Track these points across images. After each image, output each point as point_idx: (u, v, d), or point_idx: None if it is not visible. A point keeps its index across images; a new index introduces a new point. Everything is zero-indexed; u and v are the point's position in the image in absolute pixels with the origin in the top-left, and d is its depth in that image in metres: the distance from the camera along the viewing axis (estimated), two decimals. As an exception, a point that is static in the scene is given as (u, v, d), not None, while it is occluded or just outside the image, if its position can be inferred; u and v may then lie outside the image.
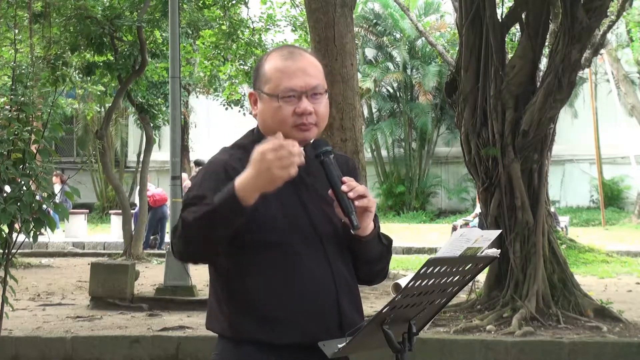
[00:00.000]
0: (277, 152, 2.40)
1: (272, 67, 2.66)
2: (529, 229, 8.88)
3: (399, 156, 27.84)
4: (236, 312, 2.61)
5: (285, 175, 2.41)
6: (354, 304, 2.70)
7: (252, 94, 2.72)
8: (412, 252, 18.39)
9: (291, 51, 2.70)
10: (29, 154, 6.28)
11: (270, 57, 2.69)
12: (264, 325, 2.58)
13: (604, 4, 8.72)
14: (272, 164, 2.40)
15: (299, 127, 2.62)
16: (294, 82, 2.62)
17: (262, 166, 2.41)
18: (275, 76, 2.64)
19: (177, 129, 11.85)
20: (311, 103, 2.63)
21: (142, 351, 8.01)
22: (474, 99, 9.14)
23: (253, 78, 2.74)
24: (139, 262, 14.64)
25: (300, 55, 2.68)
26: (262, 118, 2.69)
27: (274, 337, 2.58)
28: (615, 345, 7.64)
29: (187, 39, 17.30)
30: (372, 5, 28.05)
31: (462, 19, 9.25)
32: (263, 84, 2.67)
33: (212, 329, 2.72)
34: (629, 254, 16.59)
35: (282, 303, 2.58)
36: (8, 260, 6.40)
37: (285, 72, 2.63)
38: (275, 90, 2.63)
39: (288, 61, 2.65)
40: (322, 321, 2.61)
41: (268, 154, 2.40)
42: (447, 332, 8.23)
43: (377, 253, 2.74)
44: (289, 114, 2.62)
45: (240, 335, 2.61)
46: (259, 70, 2.70)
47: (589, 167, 26.09)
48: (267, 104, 2.65)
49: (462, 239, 2.50)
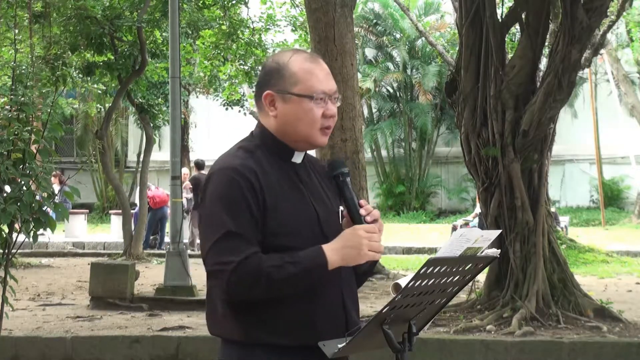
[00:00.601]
0: (370, 234, 2.59)
1: (301, 69, 2.67)
2: (529, 229, 8.88)
3: (399, 156, 27.84)
4: (249, 316, 2.60)
5: (372, 256, 2.60)
6: (355, 304, 2.75)
7: (270, 95, 2.69)
8: (412, 252, 18.39)
9: (311, 55, 2.75)
10: (29, 154, 6.28)
11: (295, 59, 2.69)
12: (278, 328, 2.59)
13: (604, 4, 8.72)
14: (363, 242, 2.57)
15: (324, 129, 2.69)
16: (324, 85, 2.67)
17: (354, 241, 2.58)
18: (305, 78, 2.66)
19: (177, 129, 11.85)
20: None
21: (142, 351, 8.01)
22: (474, 99, 9.14)
23: (269, 79, 2.70)
24: (139, 262, 14.64)
25: (320, 60, 2.74)
26: (285, 119, 2.68)
27: (289, 340, 2.59)
28: (615, 345, 7.63)
29: (187, 39, 17.30)
30: (372, 5, 28.05)
31: (462, 19, 9.25)
32: (290, 85, 2.66)
33: (220, 334, 2.68)
34: (629, 254, 16.60)
35: (296, 305, 2.60)
36: (8, 260, 6.40)
37: (316, 75, 2.67)
38: (308, 91, 2.65)
39: (315, 64, 2.70)
40: (331, 321, 2.64)
41: (361, 232, 2.58)
42: (447, 332, 8.23)
43: (362, 272, 2.82)
44: (319, 116, 2.67)
45: (253, 340, 2.60)
46: (281, 71, 2.68)
47: (589, 167, 26.10)
48: (296, 104, 2.66)
49: (462, 239, 2.51)
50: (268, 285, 2.51)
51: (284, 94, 2.67)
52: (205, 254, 2.59)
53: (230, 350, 2.65)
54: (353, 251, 2.57)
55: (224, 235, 2.55)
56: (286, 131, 2.69)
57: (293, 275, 2.53)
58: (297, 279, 2.54)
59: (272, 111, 2.70)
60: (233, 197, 2.57)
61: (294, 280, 2.54)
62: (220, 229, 2.55)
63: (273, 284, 2.52)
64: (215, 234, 2.56)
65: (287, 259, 2.53)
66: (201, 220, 2.65)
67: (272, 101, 2.69)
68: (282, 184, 2.65)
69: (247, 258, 2.52)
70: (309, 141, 2.69)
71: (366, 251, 2.57)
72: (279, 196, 2.62)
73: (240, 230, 2.54)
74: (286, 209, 2.61)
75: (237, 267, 2.51)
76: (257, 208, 2.58)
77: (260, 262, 2.52)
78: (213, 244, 2.56)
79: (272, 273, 2.51)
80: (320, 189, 2.75)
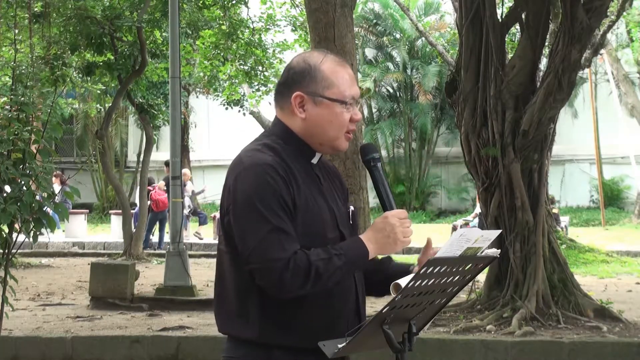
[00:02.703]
0: (402, 220, 2.62)
1: (333, 72, 2.67)
2: (529, 229, 8.88)
3: (399, 156, 27.84)
4: (267, 316, 2.59)
5: (406, 242, 2.63)
6: (365, 306, 2.77)
7: (300, 96, 2.66)
8: (412, 252, 18.35)
9: (341, 59, 2.75)
10: (29, 154, 6.27)
11: (326, 62, 2.68)
12: (294, 329, 2.59)
13: (604, 4, 8.72)
14: (397, 229, 2.60)
15: (347, 134, 2.69)
16: (354, 90, 2.69)
17: (387, 229, 2.60)
18: (339, 82, 2.66)
19: (177, 129, 11.85)
20: None
21: (142, 351, 8.01)
22: (474, 99, 9.14)
23: (300, 80, 2.66)
24: (139, 262, 14.64)
25: (347, 64, 2.74)
26: (315, 121, 2.66)
27: (304, 342, 2.58)
28: (615, 345, 7.63)
29: (187, 39, 17.29)
30: (372, 5, 28.05)
31: (462, 19, 9.25)
32: (323, 88, 2.64)
33: (233, 333, 2.65)
34: (629, 254, 16.60)
35: (314, 307, 2.59)
36: (8, 260, 6.39)
37: (347, 79, 2.68)
38: (341, 95, 2.65)
39: (344, 69, 2.70)
40: (345, 323, 2.65)
41: (393, 219, 2.61)
42: (447, 332, 8.23)
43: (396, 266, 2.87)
44: (347, 120, 2.68)
45: (268, 340, 2.59)
46: (313, 73, 2.66)
47: (589, 167, 26.10)
48: (328, 108, 2.65)
49: (462, 239, 2.51)
50: (317, 278, 2.51)
51: (315, 97, 2.65)
52: (249, 252, 2.53)
53: (242, 350, 2.63)
54: (388, 239, 2.60)
55: (268, 232, 2.51)
56: (314, 133, 2.67)
57: (339, 267, 2.54)
58: (342, 271, 2.56)
59: (301, 113, 2.67)
60: (271, 193, 2.54)
61: (339, 272, 2.55)
62: (263, 226, 2.51)
63: (322, 276, 2.51)
64: (259, 232, 2.52)
65: (334, 252, 2.54)
66: (238, 218, 2.57)
67: (302, 102, 2.66)
68: (307, 184, 2.64)
69: (296, 253, 2.51)
70: (333, 145, 2.69)
71: (401, 238, 2.61)
72: (306, 196, 2.61)
73: (283, 226, 2.53)
74: (311, 209, 2.61)
75: (288, 263, 2.48)
76: (292, 205, 2.57)
77: (309, 256, 2.51)
78: (258, 242, 2.51)
79: (321, 267, 2.51)
80: (331, 190, 2.76)
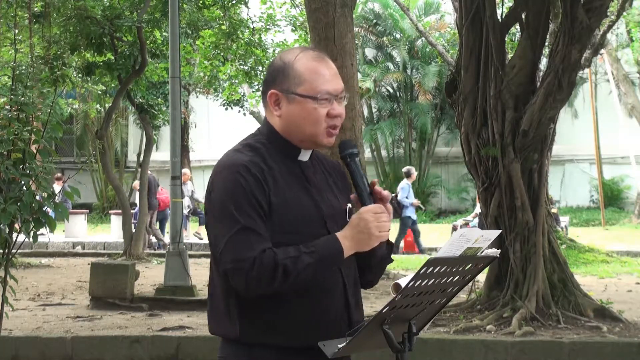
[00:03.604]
0: (377, 214, 2.59)
1: (306, 69, 2.66)
2: (529, 229, 8.87)
3: (399, 156, 27.84)
4: (250, 315, 2.60)
5: (382, 237, 2.60)
6: (358, 305, 2.74)
7: (275, 94, 2.68)
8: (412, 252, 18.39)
9: (318, 54, 2.73)
10: (29, 154, 6.28)
11: (300, 59, 2.68)
12: (278, 328, 2.59)
13: (604, 4, 8.71)
14: (371, 224, 2.57)
15: (330, 129, 2.67)
16: (330, 85, 2.66)
17: (361, 225, 2.58)
18: (311, 78, 2.65)
19: (177, 129, 11.85)
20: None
21: (142, 351, 8.01)
22: (474, 99, 9.14)
23: (274, 78, 2.69)
24: (139, 262, 14.64)
25: (327, 59, 2.73)
26: (289, 119, 2.67)
27: (288, 340, 2.59)
28: (615, 345, 7.63)
29: (187, 39, 17.30)
30: (372, 5, 28.06)
31: (462, 19, 9.25)
32: (295, 85, 2.65)
33: (220, 333, 2.67)
34: (629, 254, 16.60)
35: (297, 305, 2.59)
36: (8, 260, 6.40)
37: (321, 75, 2.66)
38: (312, 91, 2.64)
39: (322, 64, 2.69)
40: (334, 322, 2.63)
41: (367, 215, 2.59)
42: (447, 332, 8.23)
43: (382, 254, 2.78)
44: (324, 116, 2.66)
45: (252, 339, 2.60)
46: (286, 70, 2.67)
47: (589, 167, 26.10)
48: (300, 105, 2.65)
49: (462, 239, 2.50)
50: (285, 277, 2.51)
51: (288, 94, 2.66)
52: (219, 252, 2.57)
53: (230, 349, 2.65)
54: (362, 235, 2.58)
55: (237, 232, 2.54)
56: (291, 131, 2.68)
57: (309, 265, 2.53)
58: (314, 268, 2.54)
59: (277, 110, 2.69)
60: (242, 193, 2.56)
61: (311, 270, 2.54)
62: (233, 226, 2.54)
63: (290, 275, 2.51)
64: (228, 232, 2.55)
65: (304, 249, 2.54)
66: (211, 218, 2.62)
67: (277, 100, 2.68)
68: (287, 182, 2.64)
69: (263, 252, 2.52)
70: (314, 141, 2.69)
71: (376, 233, 2.59)
72: (284, 194, 2.62)
73: (253, 225, 2.54)
74: (290, 207, 2.61)
75: (254, 262, 2.50)
76: (265, 204, 2.58)
77: (276, 255, 2.52)
78: (227, 241, 2.55)
79: (288, 265, 2.51)
80: (327, 186, 2.75)
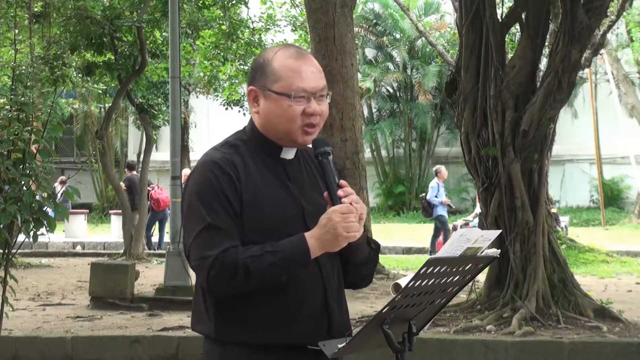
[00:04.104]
0: (345, 215, 2.52)
1: (283, 66, 2.64)
2: (529, 229, 8.87)
3: (399, 156, 27.85)
4: (224, 312, 2.58)
5: (350, 237, 2.53)
6: (341, 304, 2.70)
7: (254, 91, 2.68)
8: (412, 252, 18.41)
9: (298, 51, 2.70)
10: (29, 154, 6.28)
11: (278, 56, 2.67)
12: (251, 325, 2.57)
13: (604, 4, 8.72)
14: (338, 225, 2.51)
15: (306, 127, 2.64)
16: (307, 83, 2.63)
17: (328, 225, 2.52)
18: (286, 75, 2.63)
19: (177, 129, 11.86)
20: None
21: (142, 351, 8.00)
22: (474, 99, 9.14)
23: (254, 75, 2.70)
24: (139, 262, 14.64)
25: (308, 56, 2.70)
26: (266, 116, 2.66)
27: (262, 338, 2.56)
28: (615, 345, 7.62)
29: (187, 39, 17.31)
30: (372, 5, 28.06)
31: (462, 19, 9.25)
32: (271, 82, 2.64)
33: (199, 330, 2.68)
34: (629, 254, 16.59)
35: (271, 304, 2.57)
36: (8, 260, 6.40)
37: (297, 72, 2.64)
38: (287, 89, 2.62)
39: (299, 61, 2.66)
40: (311, 321, 2.59)
41: (334, 215, 2.52)
42: (447, 332, 8.23)
43: (364, 257, 2.74)
44: (299, 114, 2.63)
45: (227, 337, 2.59)
46: (264, 67, 2.67)
47: (589, 167, 26.10)
48: (276, 102, 2.63)
49: (462, 239, 2.50)
50: (247, 276, 2.48)
51: (265, 91, 2.65)
52: (188, 249, 2.58)
53: (206, 346, 2.65)
54: (330, 235, 2.52)
55: (203, 229, 2.53)
56: (268, 128, 2.67)
57: (272, 264, 2.49)
58: (277, 268, 2.51)
59: (255, 107, 2.69)
60: (212, 190, 2.55)
61: (274, 270, 2.50)
62: (200, 223, 2.54)
63: (252, 274, 2.48)
64: (195, 229, 2.55)
65: (267, 249, 2.51)
66: (183, 216, 2.64)
67: (256, 97, 2.68)
68: (266, 180, 2.62)
69: (225, 251, 2.50)
70: (290, 139, 2.66)
71: (343, 233, 2.51)
72: (260, 192, 2.59)
73: (219, 223, 2.53)
74: (265, 205, 2.59)
75: (215, 260, 2.49)
76: (236, 202, 2.56)
77: (238, 253, 2.50)
78: (194, 238, 2.55)
79: (250, 264, 2.48)
80: (312, 184, 2.71)
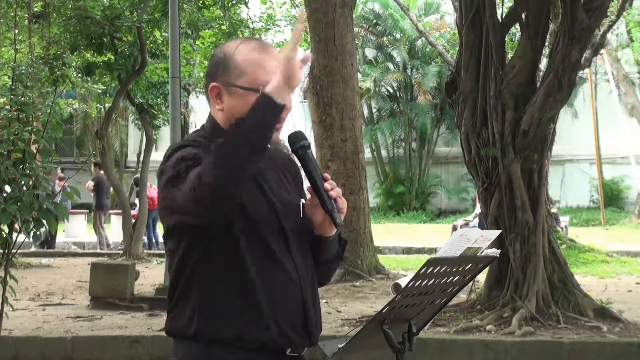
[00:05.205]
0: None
1: (246, 60, 2.56)
2: (529, 229, 8.87)
3: (399, 156, 27.85)
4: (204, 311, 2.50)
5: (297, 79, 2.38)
6: (316, 306, 2.63)
7: (216, 87, 2.59)
8: (412, 252, 18.40)
9: (261, 44, 2.63)
10: (29, 154, 6.29)
11: (241, 49, 2.59)
12: (233, 324, 2.49)
13: (604, 4, 8.72)
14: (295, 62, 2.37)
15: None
16: (272, 77, 2.43)
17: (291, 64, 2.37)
18: (251, 69, 2.55)
19: (177, 129, 11.85)
20: None
21: (142, 351, 8.00)
22: (474, 99, 9.14)
23: (215, 70, 2.60)
24: (139, 262, 14.64)
25: (270, 49, 2.62)
26: (231, 113, 2.54)
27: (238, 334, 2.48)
28: (615, 345, 7.63)
29: (187, 39, 17.31)
30: (372, 5, 28.07)
31: (462, 19, 9.25)
32: (235, 78, 2.56)
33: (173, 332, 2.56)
34: (629, 254, 16.61)
35: (250, 301, 2.49)
36: (8, 260, 6.40)
37: (262, 66, 2.55)
38: (253, 83, 2.53)
39: (262, 54, 2.58)
40: (288, 319, 2.52)
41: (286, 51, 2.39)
42: (447, 332, 8.23)
43: (335, 253, 2.69)
44: None
45: (208, 336, 2.49)
46: (226, 62, 2.58)
47: (589, 167, 26.11)
48: (242, 98, 2.53)
49: (462, 239, 2.50)
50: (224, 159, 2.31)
51: (229, 87, 2.57)
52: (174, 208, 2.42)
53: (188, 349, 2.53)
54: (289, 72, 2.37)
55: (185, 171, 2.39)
56: None
57: (243, 130, 2.34)
58: (248, 131, 2.34)
59: (219, 104, 2.60)
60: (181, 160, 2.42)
61: (247, 134, 2.33)
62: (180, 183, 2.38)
63: (228, 153, 2.32)
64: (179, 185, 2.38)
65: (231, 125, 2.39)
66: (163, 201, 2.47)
67: (219, 94, 2.60)
68: None
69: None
70: None
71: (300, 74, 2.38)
72: None
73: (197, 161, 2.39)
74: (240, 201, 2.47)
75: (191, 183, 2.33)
76: None
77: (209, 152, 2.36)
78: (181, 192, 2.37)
79: (222, 145, 2.33)
80: (280, 182, 2.64)
